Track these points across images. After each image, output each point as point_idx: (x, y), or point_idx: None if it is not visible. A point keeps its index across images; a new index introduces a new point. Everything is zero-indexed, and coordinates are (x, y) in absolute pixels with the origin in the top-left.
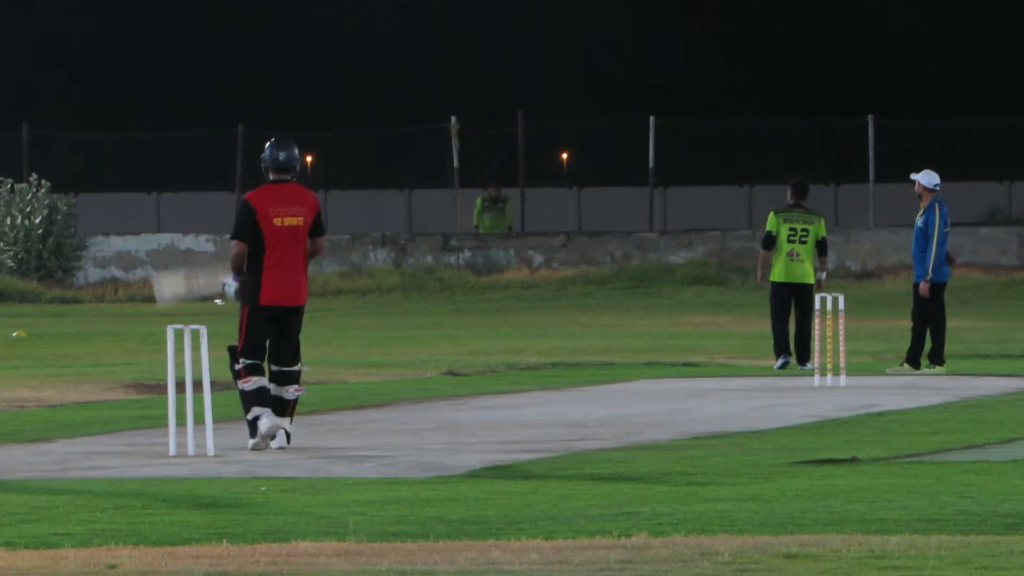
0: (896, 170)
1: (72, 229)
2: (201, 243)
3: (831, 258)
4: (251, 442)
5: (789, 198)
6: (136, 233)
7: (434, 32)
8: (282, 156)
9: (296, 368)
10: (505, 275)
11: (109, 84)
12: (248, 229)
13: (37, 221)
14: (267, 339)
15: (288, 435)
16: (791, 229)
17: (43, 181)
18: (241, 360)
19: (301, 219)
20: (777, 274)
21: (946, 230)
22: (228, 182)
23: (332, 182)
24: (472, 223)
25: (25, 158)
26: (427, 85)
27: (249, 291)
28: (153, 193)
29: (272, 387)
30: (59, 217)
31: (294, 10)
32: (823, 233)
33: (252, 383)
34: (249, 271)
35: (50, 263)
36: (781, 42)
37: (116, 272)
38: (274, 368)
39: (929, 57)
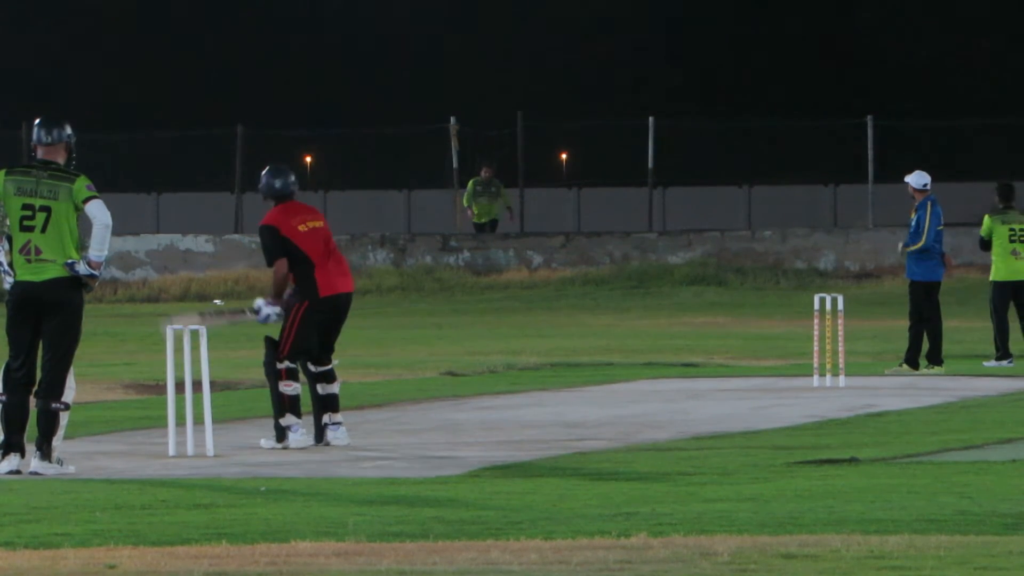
0: (895, 170)
1: None
2: (201, 243)
3: (831, 258)
4: (268, 443)
5: (998, 201)
6: (136, 233)
7: (434, 32)
8: (278, 184)
9: (333, 364)
10: (504, 275)
11: (110, 84)
12: (279, 246)
13: None
14: (314, 341)
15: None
16: (1011, 229)
17: None
18: (285, 361)
19: (321, 223)
20: (998, 273)
21: (939, 228)
22: (228, 182)
23: (332, 182)
24: (464, 204)
25: (24, 158)
26: (427, 85)
27: (304, 293)
28: (153, 193)
29: (320, 387)
30: None
31: (294, 10)
32: None
33: (293, 388)
34: (299, 281)
35: None
36: (781, 42)
37: (115, 272)
38: (317, 370)
39: (928, 57)
